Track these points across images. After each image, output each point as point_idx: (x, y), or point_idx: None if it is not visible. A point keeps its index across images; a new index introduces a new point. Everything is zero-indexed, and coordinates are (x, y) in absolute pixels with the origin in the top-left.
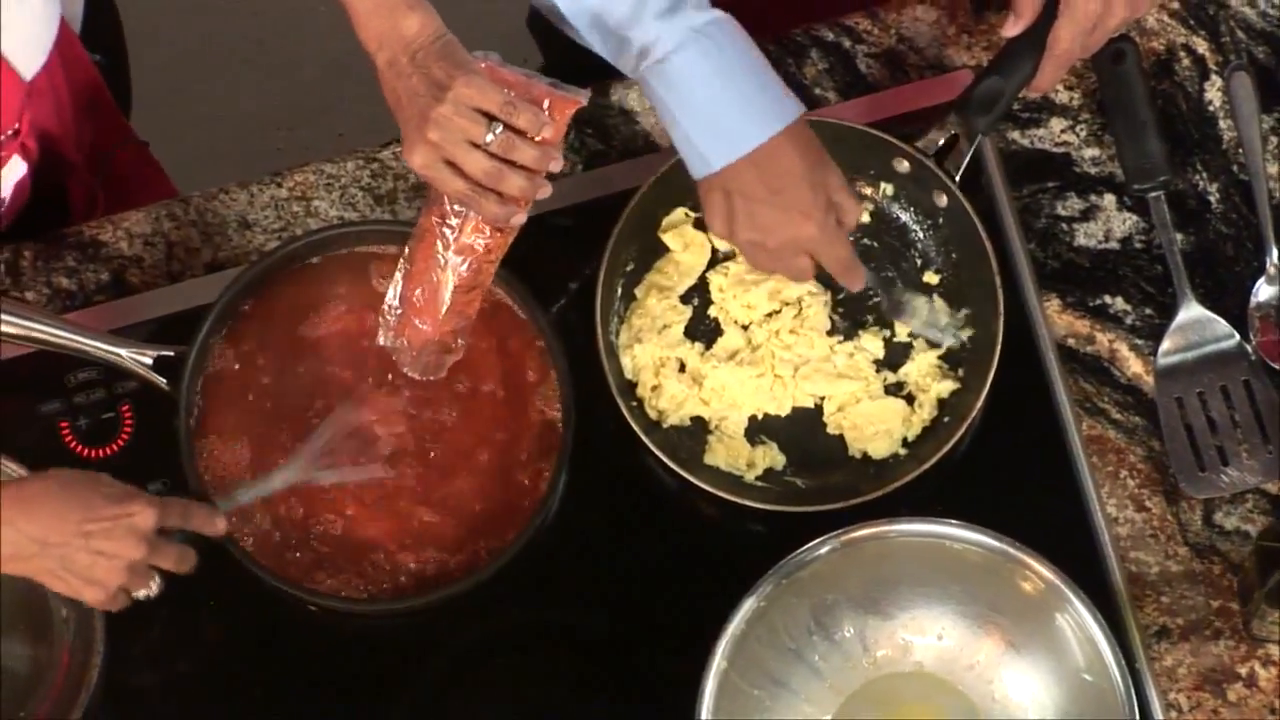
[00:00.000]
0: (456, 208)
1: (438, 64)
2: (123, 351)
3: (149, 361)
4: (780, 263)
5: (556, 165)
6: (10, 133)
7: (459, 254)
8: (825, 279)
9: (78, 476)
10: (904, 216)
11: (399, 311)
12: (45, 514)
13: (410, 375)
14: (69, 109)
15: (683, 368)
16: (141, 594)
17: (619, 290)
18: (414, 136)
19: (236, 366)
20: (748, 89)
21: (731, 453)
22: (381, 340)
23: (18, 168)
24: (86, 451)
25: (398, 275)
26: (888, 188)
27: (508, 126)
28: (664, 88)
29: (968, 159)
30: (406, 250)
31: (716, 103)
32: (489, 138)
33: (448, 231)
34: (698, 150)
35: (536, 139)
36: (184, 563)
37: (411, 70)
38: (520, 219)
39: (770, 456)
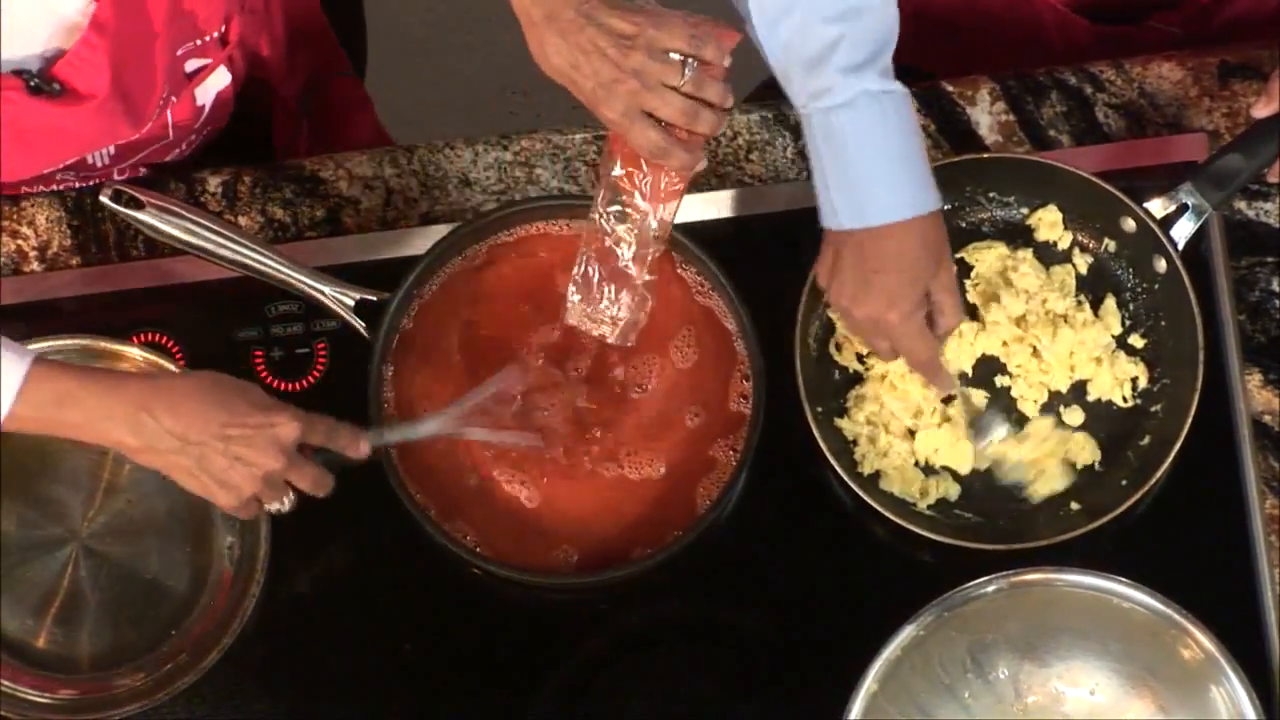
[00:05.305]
0: (635, 174)
1: (612, 14)
2: (326, 289)
3: (351, 303)
4: (863, 336)
5: (731, 100)
6: (216, 35)
7: (644, 215)
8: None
9: (228, 381)
10: (1121, 275)
11: (590, 285)
12: (189, 411)
13: (610, 343)
14: (282, 35)
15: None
16: (274, 508)
17: (825, 296)
18: (609, 89)
19: (436, 320)
20: (895, 167)
21: (906, 480)
22: (571, 318)
23: (221, 77)
24: (277, 383)
25: (583, 249)
26: (1110, 244)
27: (696, 61)
28: (823, 133)
29: (1194, 230)
30: (588, 224)
31: (862, 169)
32: (686, 74)
33: (634, 195)
34: (831, 202)
35: (717, 71)
36: (320, 486)
37: (584, 24)
38: (702, 164)
39: (944, 487)
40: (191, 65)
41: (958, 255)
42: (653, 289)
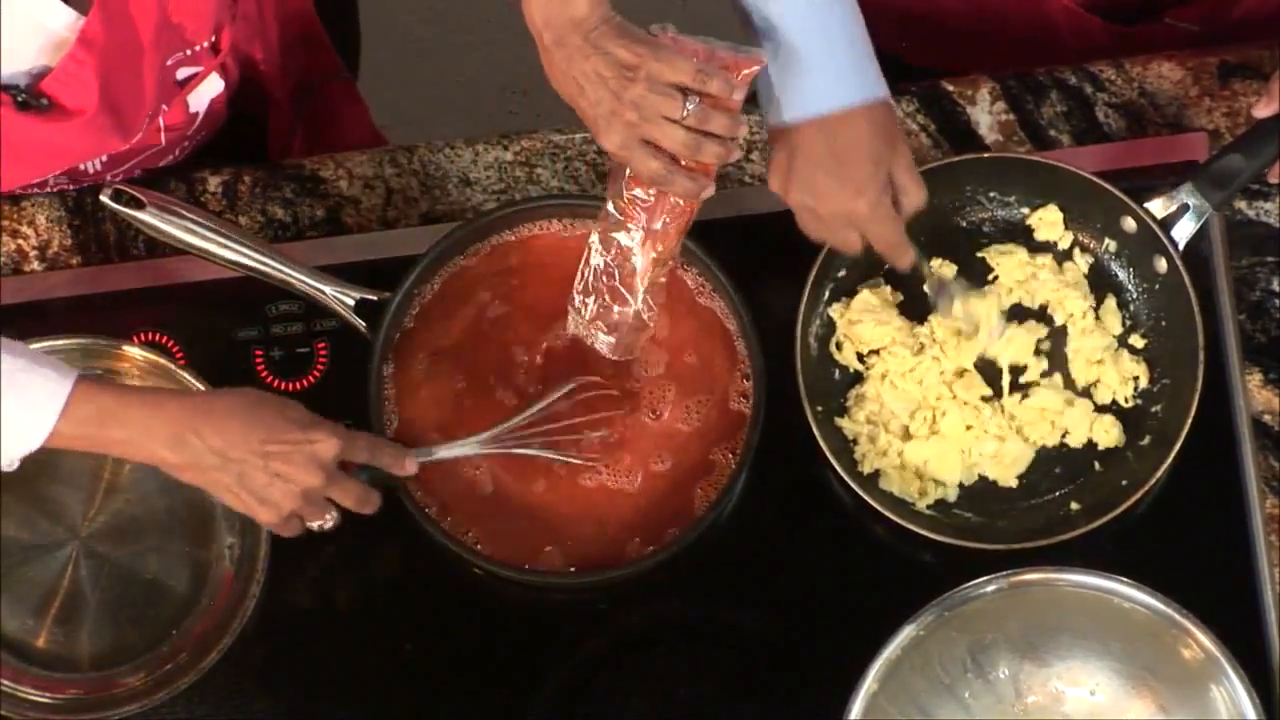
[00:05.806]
0: (641, 195)
1: (618, 43)
2: (327, 289)
3: (351, 303)
4: (829, 231)
5: (743, 130)
6: (208, 44)
7: (650, 234)
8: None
9: (268, 399)
10: (1121, 275)
11: (592, 297)
12: (230, 429)
13: (609, 357)
14: (276, 40)
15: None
16: (316, 525)
17: (825, 296)
18: (608, 120)
19: (437, 320)
20: (841, 54)
21: (905, 479)
22: (572, 328)
23: (214, 84)
24: (277, 382)
25: (588, 261)
26: (1111, 244)
27: (700, 95)
28: (764, 25)
29: (1194, 230)
30: (594, 238)
31: (808, 57)
32: (687, 108)
33: (640, 214)
34: (776, 97)
35: (727, 103)
36: (366, 504)
37: (590, 51)
38: (710, 191)
39: (943, 487)
40: (183, 73)
41: (979, 255)
42: (657, 305)
